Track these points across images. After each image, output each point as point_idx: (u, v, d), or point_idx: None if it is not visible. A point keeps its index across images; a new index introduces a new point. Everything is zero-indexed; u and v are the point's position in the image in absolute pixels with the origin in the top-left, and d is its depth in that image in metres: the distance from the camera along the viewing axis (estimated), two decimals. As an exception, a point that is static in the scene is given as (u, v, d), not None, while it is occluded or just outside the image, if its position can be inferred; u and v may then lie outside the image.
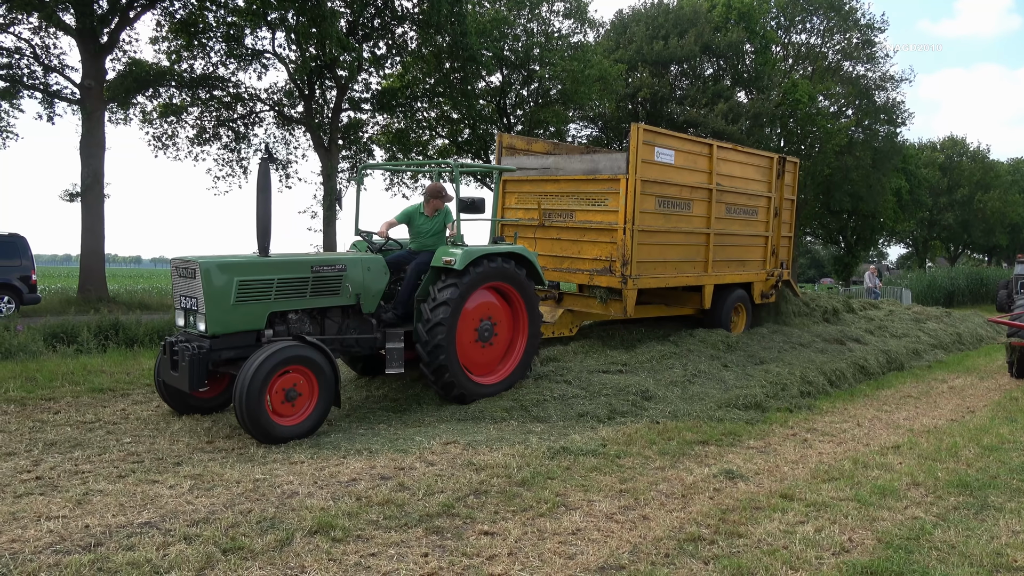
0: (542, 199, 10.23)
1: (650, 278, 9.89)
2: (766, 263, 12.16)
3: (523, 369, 8.12)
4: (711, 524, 4.56)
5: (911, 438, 7.05)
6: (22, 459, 5.62)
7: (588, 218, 9.87)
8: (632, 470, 5.65)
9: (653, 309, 10.84)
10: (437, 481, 5.13)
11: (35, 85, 20.28)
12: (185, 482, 5.05)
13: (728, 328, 11.19)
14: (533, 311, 8.13)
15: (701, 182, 10.54)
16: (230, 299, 6.35)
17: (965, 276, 34.34)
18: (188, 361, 6.18)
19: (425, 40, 22.77)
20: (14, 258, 16.54)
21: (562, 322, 10.19)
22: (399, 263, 7.84)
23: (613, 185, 9.54)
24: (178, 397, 7.06)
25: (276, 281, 6.64)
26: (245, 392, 5.93)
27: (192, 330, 6.51)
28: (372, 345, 7.46)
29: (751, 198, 11.64)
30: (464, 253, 7.37)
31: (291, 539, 4.08)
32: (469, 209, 7.55)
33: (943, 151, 53.09)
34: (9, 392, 7.82)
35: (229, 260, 6.46)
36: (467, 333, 7.59)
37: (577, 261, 10.05)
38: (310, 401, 6.41)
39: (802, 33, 37.27)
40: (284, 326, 6.84)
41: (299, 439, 6.22)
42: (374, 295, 7.39)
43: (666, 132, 10.32)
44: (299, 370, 6.30)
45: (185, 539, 4.02)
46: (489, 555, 3.99)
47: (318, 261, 7.05)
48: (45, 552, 3.84)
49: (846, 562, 4.02)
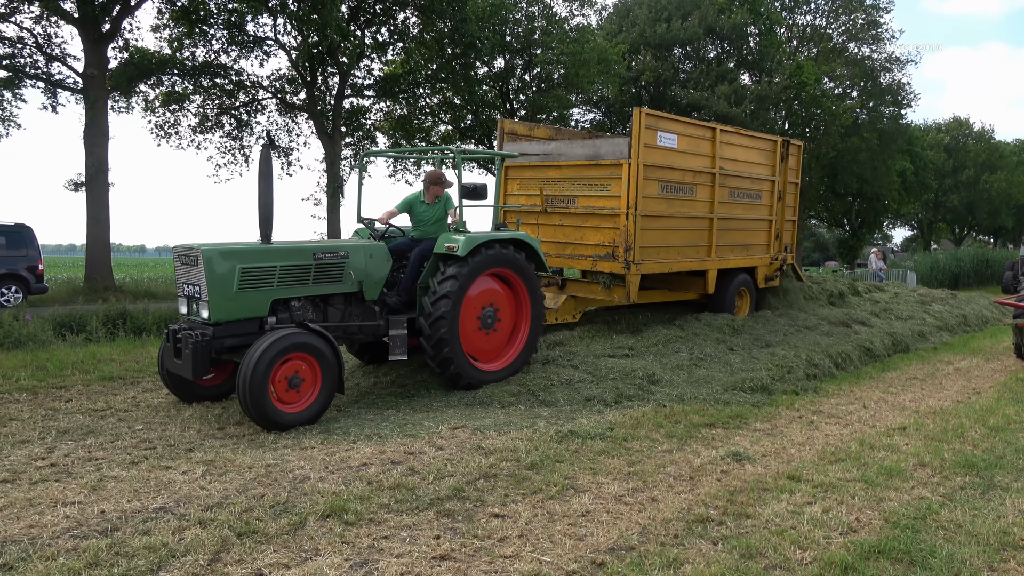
0: (544, 185, 10.20)
1: (653, 263, 9.87)
2: (770, 247, 12.13)
3: (528, 354, 8.14)
4: (719, 505, 4.60)
5: (917, 419, 7.08)
6: (36, 446, 5.69)
7: (590, 203, 9.83)
8: (640, 453, 5.69)
9: (657, 294, 10.82)
10: (447, 465, 5.18)
11: (38, 75, 20.26)
12: (198, 468, 5.10)
13: (732, 312, 11.17)
14: (536, 297, 8.15)
15: (704, 166, 10.49)
16: (233, 286, 6.36)
17: (970, 258, 34.20)
18: (192, 349, 6.18)
19: (427, 25, 22.63)
20: (21, 248, 16.61)
21: (565, 308, 10.19)
22: (401, 251, 7.85)
23: (615, 170, 9.49)
24: (182, 385, 7.07)
25: (279, 268, 6.65)
26: (249, 379, 5.93)
27: (195, 318, 6.51)
28: (375, 332, 7.47)
29: (755, 182, 11.58)
30: (466, 239, 7.38)
31: (304, 523, 4.13)
32: (471, 195, 7.54)
33: (948, 132, 52.71)
34: (21, 381, 7.89)
35: (232, 247, 6.48)
36: (470, 321, 7.61)
37: (580, 247, 10.03)
38: (314, 388, 6.42)
39: (807, 14, 36.96)
40: (287, 313, 6.86)
41: (303, 426, 6.25)
42: (377, 282, 7.40)
43: (669, 116, 10.26)
44: (302, 357, 6.31)
45: (200, 523, 4.07)
46: (500, 537, 4.04)
47: (320, 248, 7.07)
48: (63, 537, 3.90)
49: (854, 541, 4.05)
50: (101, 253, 20.09)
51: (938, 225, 56.70)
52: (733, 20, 30.48)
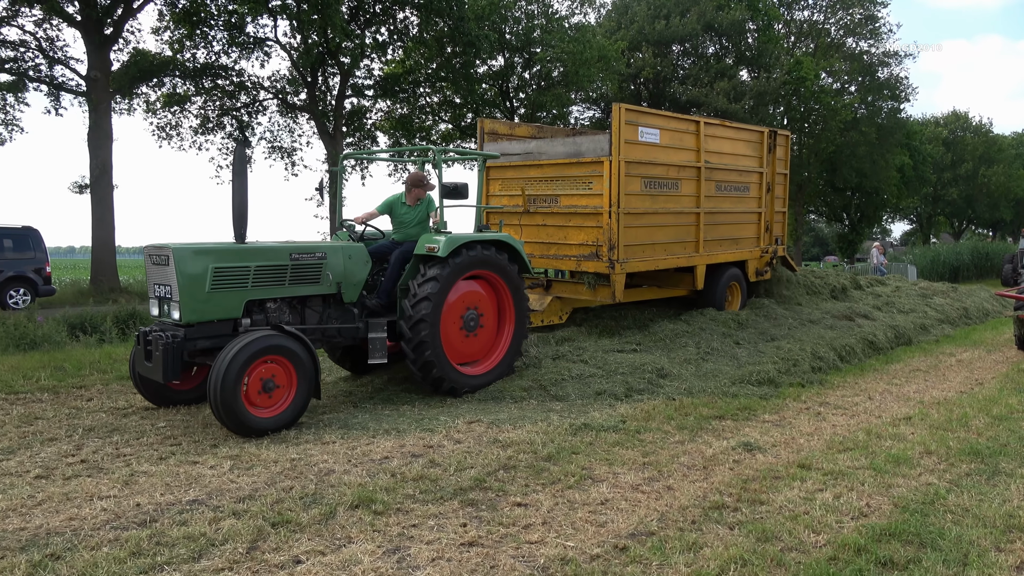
0: (526, 184, 10.01)
1: (638, 261, 9.67)
2: (760, 240, 11.95)
3: (512, 358, 7.98)
4: (733, 493, 4.74)
5: (922, 410, 7.23)
6: (64, 444, 5.83)
7: (573, 202, 9.60)
8: (653, 444, 5.84)
9: (645, 292, 10.68)
10: (466, 458, 5.32)
11: (41, 78, 20.37)
12: (225, 462, 5.25)
13: (723, 308, 11.07)
14: (520, 299, 7.98)
15: (689, 160, 10.35)
16: (205, 286, 6.19)
17: (970, 251, 34.38)
18: (162, 351, 6.01)
19: (426, 25, 22.74)
20: (28, 251, 16.75)
21: (551, 309, 9.99)
22: (382, 253, 7.71)
23: (597, 168, 9.27)
24: (154, 389, 6.90)
25: (253, 268, 6.49)
26: (220, 382, 5.75)
27: (166, 319, 6.35)
28: (354, 335, 7.31)
29: (742, 174, 11.40)
30: (448, 240, 7.24)
31: (334, 513, 4.28)
32: (452, 194, 7.40)
33: (946, 126, 52.93)
34: (41, 381, 8.04)
35: (204, 246, 6.33)
36: (452, 324, 7.47)
37: (564, 247, 9.80)
38: (289, 392, 6.22)
39: (804, 10, 37.10)
40: (263, 315, 6.70)
41: (276, 431, 6.06)
42: (355, 284, 7.26)
43: (649, 111, 10.12)
44: (277, 360, 6.13)
45: (234, 514, 4.22)
46: (524, 524, 4.18)
47: (297, 249, 6.90)
48: (103, 528, 4.04)
49: (865, 525, 4.20)
50: (106, 255, 20.24)
51: (937, 219, 56.93)
52: (731, 16, 30.64)
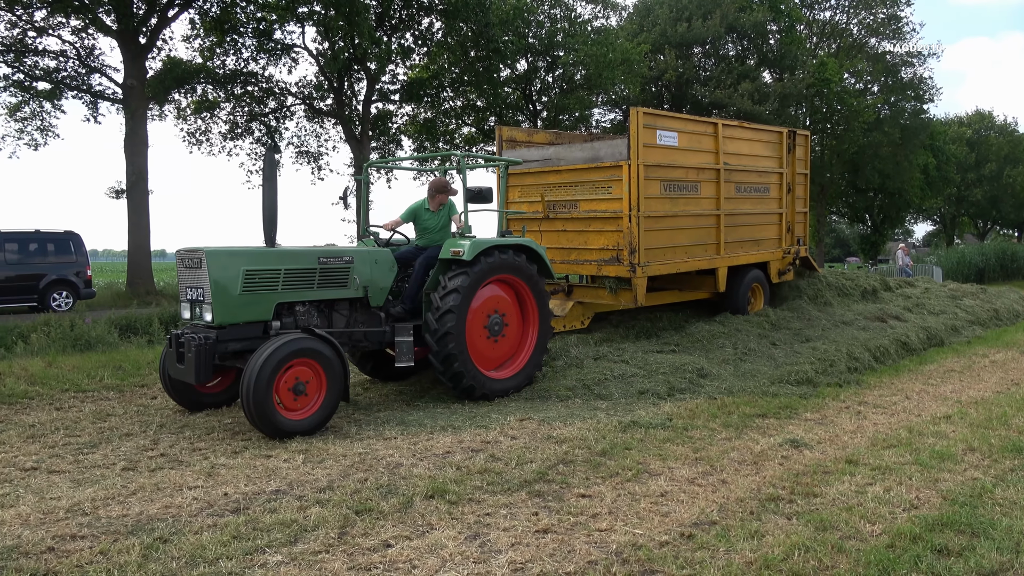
0: (545, 191, 10.13)
1: (660, 265, 9.72)
2: (781, 241, 11.97)
3: (535, 364, 8.02)
4: (786, 486, 4.94)
5: (960, 409, 7.37)
6: (141, 439, 6.15)
7: (592, 207, 9.70)
8: (702, 441, 6.05)
9: (667, 295, 10.72)
10: (524, 453, 5.57)
11: (79, 86, 20.94)
12: (297, 456, 5.53)
13: (745, 310, 11.12)
14: (543, 304, 8.07)
15: (708, 162, 10.42)
16: (236, 288, 6.33)
17: (995, 252, 34.13)
18: (194, 352, 6.10)
19: (451, 30, 23.07)
20: (69, 255, 17.25)
21: (573, 315, 10.07)
22: (407, 259, 7.83)
23: (615, 172, 9.37)
24: (185, 392, 7.01)
25: (283, 271, 6.64)
26: (253, 384, 5.82)
27: (198, 321, 6.49)
28: (380, 339, 7.42)
29: (762, 175, 11.44)
30: (472, 244, 7.31)
31: (411, 502, 4.54)
32: (476, 198, 7.50)
33: (970, 126, 52.40)
34: (105, 380, 8.40)
35: (236, 249, 6.49)
36: (477, 327, 7.54)
37: (584, 252, 9.88)
38: (319, 395, 6.31)
39: (827, 10, 37.01)
40: (292, 318, 6.83)
41: (306, 434, 6.14)
42: (382, 289, 7.40)
43: (667, 114, 10.26)
44: (307, 363, 6.21)
45: (318, 503, 4.49)
46: (592, 514, 4.42)
47: (325, 252, 7.05)
48: (200, 515, 4.33)
49: (917, 516, 4.39)
50: (142, 259, 20.74)
51: (961, 219, 56.35)
52: (754, 18, 30.66)
